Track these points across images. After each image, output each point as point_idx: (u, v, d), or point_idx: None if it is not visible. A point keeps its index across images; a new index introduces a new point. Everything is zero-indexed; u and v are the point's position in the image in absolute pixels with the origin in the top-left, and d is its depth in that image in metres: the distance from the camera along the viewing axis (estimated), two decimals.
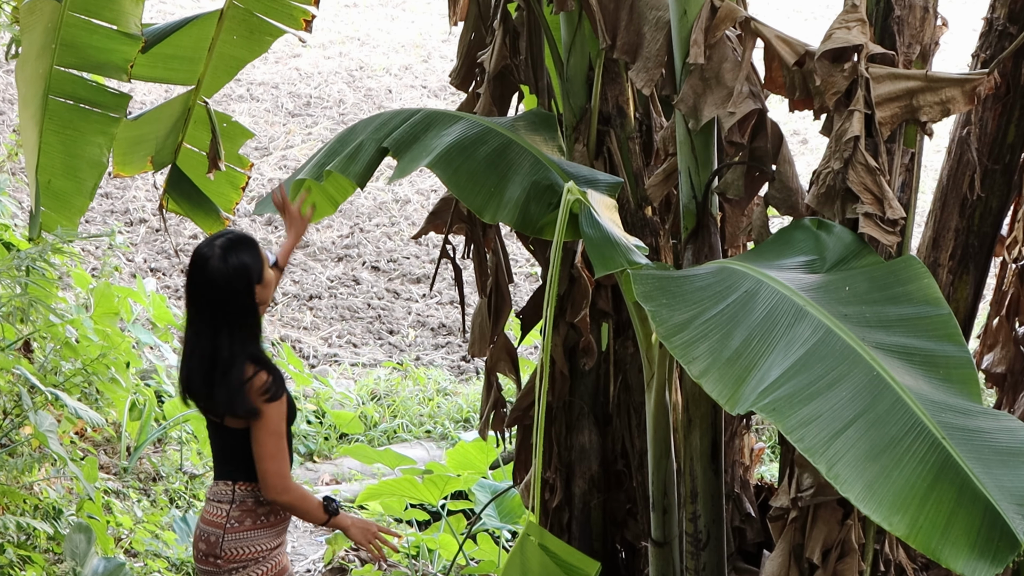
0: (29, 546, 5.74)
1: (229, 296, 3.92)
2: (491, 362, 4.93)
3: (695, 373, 3.13)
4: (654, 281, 3.41)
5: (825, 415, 2.93)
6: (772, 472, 7.25)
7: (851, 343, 3.07)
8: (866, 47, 3.52)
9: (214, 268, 3.91)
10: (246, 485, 4.03)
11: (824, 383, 3.00)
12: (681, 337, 3.21)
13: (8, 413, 6.12)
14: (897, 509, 2.80)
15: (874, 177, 3.50)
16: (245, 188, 6.07)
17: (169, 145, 5.85)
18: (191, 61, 5.70)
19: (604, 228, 3.53)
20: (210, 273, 3.91)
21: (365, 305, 10.08)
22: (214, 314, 3.93)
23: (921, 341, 3.12)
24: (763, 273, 3.35)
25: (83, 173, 5.49)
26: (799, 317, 3.17)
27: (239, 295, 3.92)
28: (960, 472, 2.81)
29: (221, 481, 4.07)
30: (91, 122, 5.39)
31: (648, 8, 4.00)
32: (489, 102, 4.67)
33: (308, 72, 14.87)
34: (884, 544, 3.86)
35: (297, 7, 5.58)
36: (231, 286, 3.91)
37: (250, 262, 3.93)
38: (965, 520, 2.76)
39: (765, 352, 3.10)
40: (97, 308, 6.68)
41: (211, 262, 3.91)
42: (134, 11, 5.25)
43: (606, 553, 4.83)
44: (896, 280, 3.31)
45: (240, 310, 3.93)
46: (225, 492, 4.04)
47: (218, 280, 3.90)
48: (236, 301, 3.92)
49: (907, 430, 2.89)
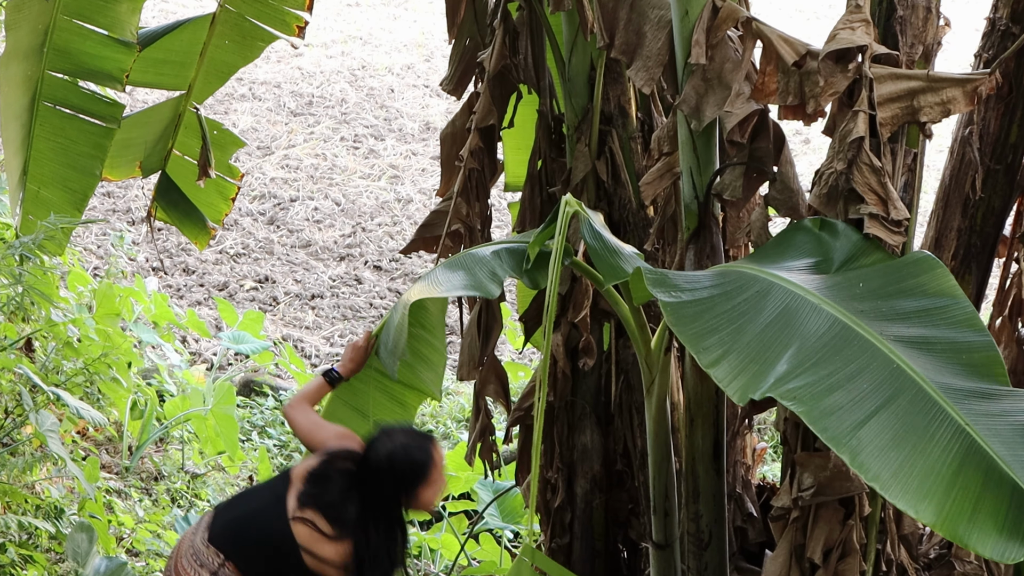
0: (31, 545, 5.74)
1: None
2: (479, 385, 4.77)
3: (705, 362, 3.11)
4: (663, 276, 3.42)
5: (847, 406, 2.91)
6: (774, 472, 7.25)
7: (869, 337, 3.06)
8: (870, 47, 3.51)
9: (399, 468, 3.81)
10: (234, 568, 3.86)
11: (844, 375, 2.98)
12: (691, 328, 3.20)
13: (10, 412, 6.12)
14: (923, 496, 2.78)
15: (878, 178, 3.49)
16: (235, 199, 6.03)
17: (158, 151, 5.82)
18: (182, 66, 5.66)
19: (605, 238, 3.52)
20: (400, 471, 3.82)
21: (367, 305, 10.08)
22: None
23: (941, 331, 3.10)
24: (771, 274, 3.35)
25: (74, 184, 5.45)
26: (814, 313, 3.16)
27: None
28: (985, 457, 2.79)
29: (214, 548, 3.87)
30: (84, 132, 5.35)
31: (649, 7, 3.99)
32: (489, 102, 4.66)
33: (310, 71, 14.87)
34: (886, 544, 3.85)
35: (290, 12, 5.55)
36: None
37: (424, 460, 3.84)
38: (992, 504, 2.74)
39: (781, 345, 3.09)
40: (99, 308, 6.68)
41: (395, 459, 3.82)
42: (130, 19, 5.20)
43: (608, 553, 4.83)
44: (909, 274, 3.30)
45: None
46: (213, 561, 3.86)
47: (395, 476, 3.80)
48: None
49: (930, 419, 2.88)
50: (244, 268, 10.55)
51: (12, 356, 6.13)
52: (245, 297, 10.13)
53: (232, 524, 3.92)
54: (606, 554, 4.82)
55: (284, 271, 10.59)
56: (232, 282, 10.29)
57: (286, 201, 11.85)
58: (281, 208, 11.71)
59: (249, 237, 11.09)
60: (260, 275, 10.47)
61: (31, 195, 5.38)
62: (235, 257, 10.76)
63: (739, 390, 3.02)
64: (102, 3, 5.23)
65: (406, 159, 13.02)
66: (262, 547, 3.85)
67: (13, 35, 5.14)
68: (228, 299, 9.93)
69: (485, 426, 4.84)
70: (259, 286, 10.34)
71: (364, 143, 13.33)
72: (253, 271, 10.51)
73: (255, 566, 3.86)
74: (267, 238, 11.10)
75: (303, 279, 10.44)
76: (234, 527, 3.91)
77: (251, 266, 10.59)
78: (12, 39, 5.15)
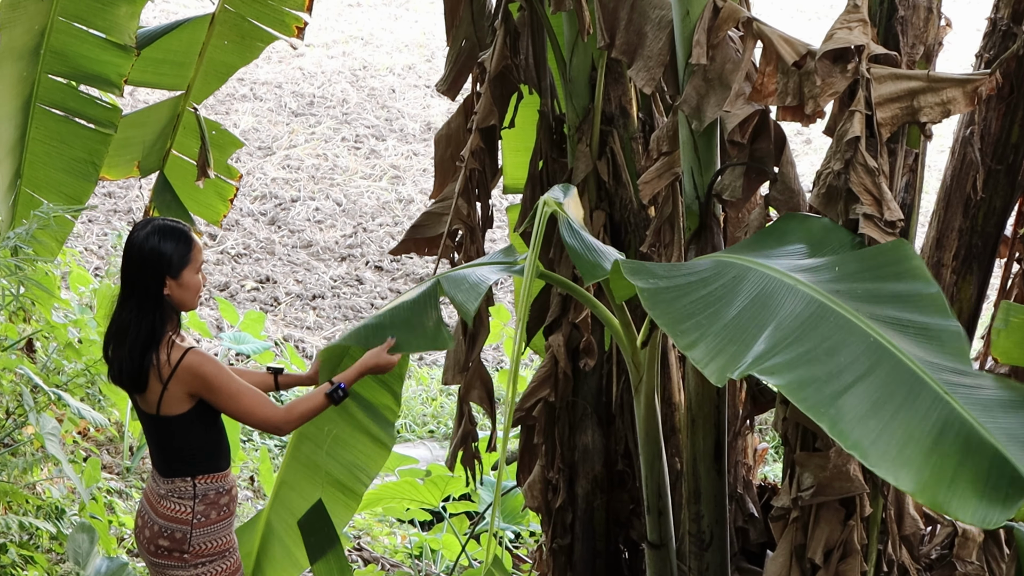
0: (32, 546, 5.75)
1: (136, 276, 3.89)
2: (464, 390, 4.74)
3: (683, 345, 3.10)
4: (640, 265, 3.43)
5: (826, 377, 2.90)
6: (775, 472, 7.25)
7: (846, 315, 3.05)
8: (868, 47, 3.51)
9: (131, 244, 3.90)
10: (206, 478, 4.00)
11: (822, 350, 2.97)
12: (668, 312, 3.20)
13: (11, 413, 6.12)
14: (903, 463, 2.75)
15: (873, 178, 3.49)
16: (233, 200, 6.02)
17: (157, 151, 5.80)
18: (181, 66, 5.65)
19: (583, 237, 3.52)
20: (127, 248, 3.91)
21: (368, 305, 10.08)
22: (123, 288, 3.93)
23: (914, 315, 3.10)
24: (752, 260, 3.36)
25: (69, 189, 5.44)
26: (790, 294, 3.16)
27: (146, 278, 3.87)
28: (965, 423, 2.77)
29: (178, 479, 3.99)
30: (80, 136, 5.34)
31: (650, 7, 3.99)
32: (490, 102, 4.66)
33: (311, 71, 14.88)
34: (887, 545, 3.85)
35: (289, 13, 5.54)
36: (141, 268, 3.88)
37: (168, 252, 3.88)
38: (972, 469, 2.71)
39: (758, 325, 3.08)
40: (100, 309, 6.68)
41: (133, 237, 3.91)
42: (128, 23, 5.19)
43: (609, 553, 4.83)
44: (886, 261, 3.30)
45: (143, 293, 3.88)
46: (186, 489, 3.99)
47: (133, 256, 3.89)
48: (142, 283, 3.88)
49: (909, 388, 2.86)
50: (245, 268, 10.56)
51: (13, 357, 6.13)
52: (246, 297, 10.14)
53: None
54: (607, 555, 4.82)
55: (285, 271, 10.60)
56: (233, 282, 10.30)
57: (287, 201, 11.86)
58: (282, 208, 11.72)
59: (250, 237, 11.10)
60: (261, 275, 10.47)
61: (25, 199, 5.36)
62: (236, 257, 10.77)
63: (717, 371, 3.01)
64: (100, 6, 5.22)
65: (407, 159, 13.03)
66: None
67: (7, 34, 5.12)
68: (229, 299, 9.93)
69: (468, 432, 4.81)
70: (260, 286, 10.35)
71: (365, 143, 13.34)
72: (254, 271, 10.51)
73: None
74: (268, 238, 11.11)
75: (304, 279, 10.45)
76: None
77: (252, 266, 10.60)
78: (6, 38, 5.13)
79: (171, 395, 3.89)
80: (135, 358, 3.87)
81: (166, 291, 3.88)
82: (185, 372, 3.86)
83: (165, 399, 3.89)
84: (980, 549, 4.08)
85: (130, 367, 3.88)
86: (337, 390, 3.90)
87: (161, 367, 3.86)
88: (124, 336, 3.89)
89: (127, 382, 3.92)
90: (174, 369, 3.86)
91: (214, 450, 4.02)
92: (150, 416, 3.97)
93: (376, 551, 6.71)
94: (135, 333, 3.87)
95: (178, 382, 3.87)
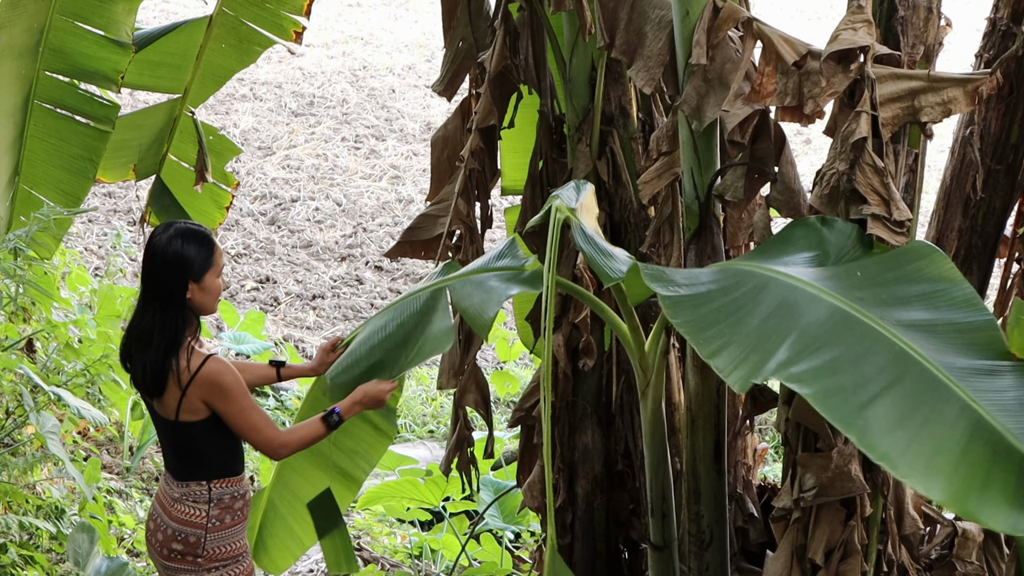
0: (31, 546, 5.74)
1: (159, 280, 3.88)
2: (459, 394, 4.71)
3: (705, 353, 3.09)
4: (660, 271, 3.42)
5: (852, 387, 2.89)
6: (775, 472, 7.25)
7: (870, 323, 3.04)
8: (873, 48, 3.51)
9: (153, 247, 3.89)
10: (221, 482, 4.00)
11: (847, 359, 2.97)
12: (690, 320, 3.20)
13: (11, 413, 6.12)
14: (933, 474, 2.74)
15: (881, 178, 3.49)
16: (229, 207, 6.00)
17: (153, 154, 5.78)
18: (178, 69, 5.63)
19: (597, 242, 3.52)
20: (149, 251, 3.90)
21: (368, 305, 10.08)
22: (144, 291, 3.92)
23: (942, 313, 3.09)
24: (769, 269, 3.34)
25: (67, 186, 5.43)
26: (813, 303, 3.15)
27: (168, 282, 3.86)
28: (993, 431, 2.77)
29: (193, 482, 3.99)
30: (78, 133, 5.33)
31: (650, 7, 3.99)
32: (489, 102, 4.66)
33: (311, 71, 14.88)
34: (887, 545, 3.85)
35: (287, 17, 5.51)
36: (164, 272, 3.87)
37: (191, 256, 3.87)
38: (1001, 478, 2.70)
39: (782, 333, 3.06)
40: (100, 309, 6.68)
41: (155, 240, 3.89)
42: (126, 19, 5.18)
43: (609, 553, 4.83)
44: (907, 260, 3.28)
45: (167, 297, 3.87)
46: (201, 493, 3.98)
47: (156, 260, 3.88)
48: (164, 287, 3.87)
49: (936, 397, 2.85)
50: (245, 268, 10.56)
51: (13, 356, 6.13)
52: (246, 297, 10.14)
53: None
54: (607, 555, 4.82)
55: (285, 271, 10.60)
56: (233, 282, 10.30)
57: (287, 201, 11.86)
58: (282, 208, 11.72)
59: (250, 237, 11.10)
60: (261, 275, 10.47)
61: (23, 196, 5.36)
62: (236, 257, 10.77)
63: (741, 379, 3.01)
64: (98, 3, 5.22)
65: (407, 159, 13.03)
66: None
67: (7, 32, 5.13)
68: (229, 299, 9.93)
69: (463, 437, 4.81)
70: (260, 286, 10.35)
71: (365, 143, 13.33)
72: (254, 271, 10.51)
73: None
74: (268, 238, 11.11)
75: (304, 279, 10.45)
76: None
77: (252, 266, 10.60)
78: (6, 36, 5.14)
79: (189, 401, 3.88)
80: (158, 361, 3.86)
81: (188, 295, 3.87)
82: (204, 379, 3.85)
83: (184, 405, 3.89)
84: (980, 549, 4.08)
85: (153, 370, 3.87)
86: (332, 415, 3.95)
87: (180, 372, 3.85)
88: (148, 340, 3.88)
89: (150, 386, 3.91)
90: (193, 375, 3.85)
91: (231, 455, 4.02)
92: (168, 421, 3.95)
93: (376, 551, 6.71)
94: (160, 337, 3.86)
95: (196, 388, 3.86)
